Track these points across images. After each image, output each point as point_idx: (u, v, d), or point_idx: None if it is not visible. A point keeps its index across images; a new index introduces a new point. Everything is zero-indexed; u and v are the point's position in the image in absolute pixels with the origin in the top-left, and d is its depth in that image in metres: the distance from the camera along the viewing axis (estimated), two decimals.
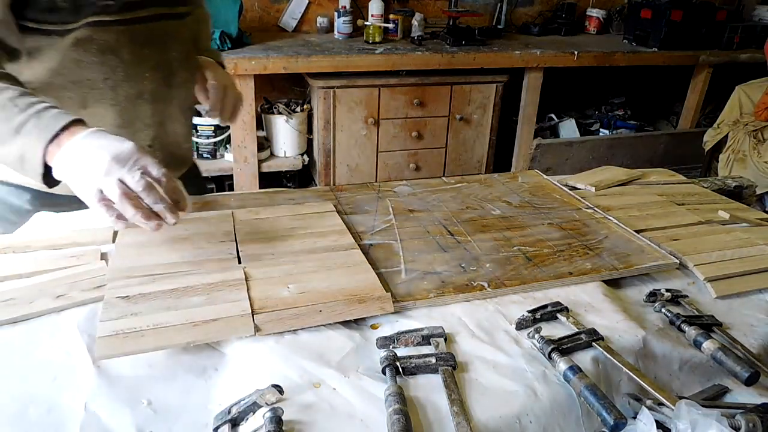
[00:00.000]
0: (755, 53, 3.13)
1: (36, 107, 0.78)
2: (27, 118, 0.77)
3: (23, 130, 0.77)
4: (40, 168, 0.78)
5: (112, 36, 1.00)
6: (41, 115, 0.78)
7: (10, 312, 0.75)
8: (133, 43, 1.03)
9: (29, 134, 0.77)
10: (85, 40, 0.98)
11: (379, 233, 0.98)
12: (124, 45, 1.03)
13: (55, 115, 0.78)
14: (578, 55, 2.85)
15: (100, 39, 0.99)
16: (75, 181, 0.77)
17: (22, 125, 0.77)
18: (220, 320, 0.72)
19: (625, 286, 0.91)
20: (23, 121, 0.77)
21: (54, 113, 0.78)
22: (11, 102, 0.78)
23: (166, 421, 0.62)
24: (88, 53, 1.00)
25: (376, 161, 2.80)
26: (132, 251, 0.87)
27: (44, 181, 0.80)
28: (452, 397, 0.63)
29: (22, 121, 0.77)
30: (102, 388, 0.65)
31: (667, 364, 0.76)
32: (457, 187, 1.20)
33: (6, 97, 0.79)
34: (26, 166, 0.79)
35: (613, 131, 3.41)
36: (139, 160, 0.76)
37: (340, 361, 0.70)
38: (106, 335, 0.68)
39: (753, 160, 2.70)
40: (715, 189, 1.31)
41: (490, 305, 0.82)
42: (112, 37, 1.00)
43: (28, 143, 0.77)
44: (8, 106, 0.78)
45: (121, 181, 0.75)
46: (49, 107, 0.79)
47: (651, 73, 3.51)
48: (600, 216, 1.08)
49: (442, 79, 2.72)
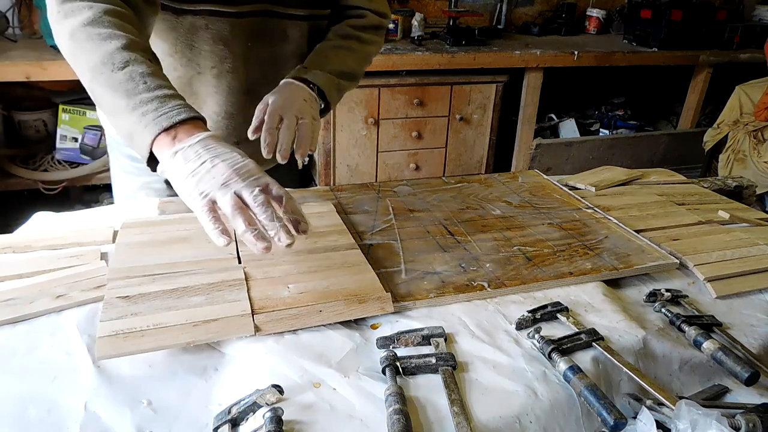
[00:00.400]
0: (755, 53, 3.13)
1: (163, 91, 0.76)
2: (150, 98, 0.75)
3: (143, 108, 0.74)
4: (146, 152, 0.75)
5: (226, 27, 1.01)
6: (165, 101, 0.75)
7: (10, 312, 0.75)
8: (244, 36, 1.04)
9: (146, 115, 0.74)
10: (200, 27, 1.00)
11: (379, 233, 0.98)
12: (237, 37, 1.03)
13: (178, 106, 0.75)
14: (578, 55, 2.84)
15: (214, 28, 1.01)
16: (185, 183, 0.72)
17: (143, 103, 0.74)
18: (220, 320, 0.72)
19: (625, 286, 0.91)
20: (145, 100, 0.75)
21: (178, 104, 0.76)
22: (141, 77, 0.76)
23: (166, 421, 0.62)
24: (201, 40, 1.02)
25: (376, 161, 2.80)
26: (132, 251, 0.87)
27: (149, 164, 0.77)
28: (452, 397, 0.63)
29: (145, 100, 0.75)
30: (102, 388, 0.65)
31: (667, 364, 0.76)
32: (457, 187, 1.20)
33: (138, 71, 0.76)
34: (133, 144, 0.77)
35: (613, 131, 3.41)
36: (260, 178, 0.73)
37: (340, 361, 0.69)
38: (106, 335, 0.68)
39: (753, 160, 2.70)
40: (715, 189, 1.31)
41: (490, 305, 0.82)
42: (226, 28, 1.01)
43: (142, 123, 0.74)
44: (137, 80, 0.75)
45: (237, 195, 0.70)
46: (176, 96, 0.77)
47: (651, 73, 3.51)
48: (600, 216, 1.08)
49: (442, 79, 2.72)
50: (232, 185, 0.70)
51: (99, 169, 2.46)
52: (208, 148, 0.73)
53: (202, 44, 1.02)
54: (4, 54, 2.19)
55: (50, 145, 2.48)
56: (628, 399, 0.68)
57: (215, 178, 0.70)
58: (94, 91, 0.79)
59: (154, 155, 0.76)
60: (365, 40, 1.16)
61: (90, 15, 0.78)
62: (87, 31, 0.77)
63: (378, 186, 1.19)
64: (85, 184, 2.49)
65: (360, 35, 1.14)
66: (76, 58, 0.79)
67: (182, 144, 0.73)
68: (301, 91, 0.99)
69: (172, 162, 0.73)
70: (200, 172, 0.71)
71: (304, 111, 0.94)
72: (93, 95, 0.80)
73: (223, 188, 0.70)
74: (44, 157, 2.47)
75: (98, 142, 2.47)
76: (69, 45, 0.80)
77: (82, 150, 2.47)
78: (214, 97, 1.09)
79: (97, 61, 0.76)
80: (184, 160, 0.72)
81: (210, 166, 0.71)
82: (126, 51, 0.77)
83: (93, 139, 2.47)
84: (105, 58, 0.76)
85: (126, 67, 0.76)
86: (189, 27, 1.00)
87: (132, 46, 0.78)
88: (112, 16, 0.79)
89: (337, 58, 1.09)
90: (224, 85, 1.08)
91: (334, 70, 1.07)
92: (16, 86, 2.41)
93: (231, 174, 0.71)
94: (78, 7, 0.79)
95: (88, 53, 0.77)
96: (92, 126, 2.45)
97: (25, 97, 2.54)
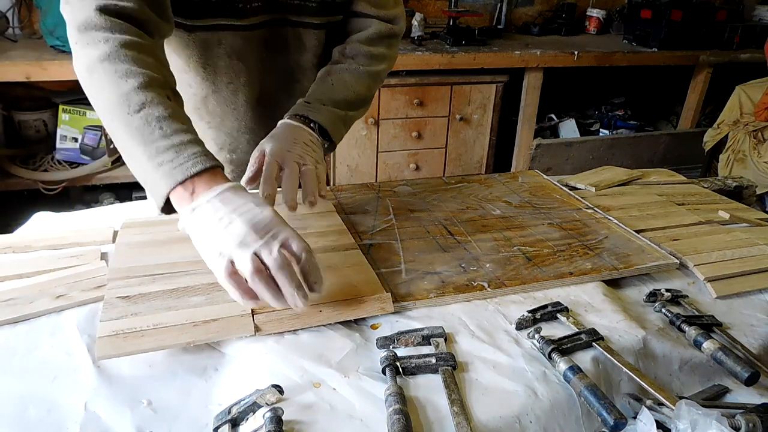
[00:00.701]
0: (755, 53, 3.13)
1: (179, 137, 0.72)
2: (166, 146, 0.71)
3: (158, 158, 0.71)
4: (161, 201, 0.73)
5: (239, 41, 0.99)
6: (181, 150, 0.72)
7: (10, 312, 0.75)
8: (259, 47, 1.01)
9: (162, 166, 0.71)
10: (213, 44, 0.98)
11: (379, 233, 0.98)
12: (251, 50, 1.01)
13: (194, 156, 0.72)
14: (578, 55, 2.85)
15: (227, 43, 0.99)
16: (204, 243, 0.69)
17: (159, 153, 0.71)
18: (220, 320, 0.72)
19: (625, 286, 0.91)
20: (161, 149, 0.71)
21: (194, 152, 0.72)
22: (158, 122, 0.72)
23: (166, 421, 0.62)
24: (215, 57, 1.00)
25: (376, 161, 2.80)
26: (132, 251, 0.87)
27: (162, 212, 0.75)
28: (452, 397, 0.63)
29: (160, 149, 0.71)
30: (102, 388, 0.65)
31: (667, 364, 0.76)
32: (457, 187, 1.20)
33: (155, 115, 0.73)
34: (149, 192, 0.75)
35: (613, 131, 3.41)
36: (279, 233, 0.69)
37: (340, 361, 0.69)
38: (106, 335, 0.68)
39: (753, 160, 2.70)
40: (715, 189, 1.31)
41: (490, 305, 0.82)
42: (239, 42, 0.99)
43: (158, 174, 0.71)
44: (153, 126, 0.72)
45: (256, 255, 0.67)
46: (192, 142, 0.73)
47: (651, 73, 3.51)
48: (600, 216, 1.08)
49: (442, 79, 2.72)
50: (250, 244, 0.67)
51: (99, 169, 2.46)
52: (225, 202, 0.70)
53: (216, 61, 1.01)
54: (4, 54, 2.19)
55: (50, 145, 2.48)
56: (628, 399, 0.68)
57: (233, 237, 0.67)
58: (113, 132, 0.76)
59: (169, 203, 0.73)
60: (375, 56, 1.06)
61: (107, 49, 0.75)
62: (104, 67, 0.74)
63: (378, 186, 1.19)
64: (85, 184, 2.49)
65: (369, 51, 1.06)
66: (93, 95, 0.77)
67: (199, 200, 0.70)
68: (301, 133, 0.92)
69: (191, 218, 0.70)
70: (218, 230, 0.68)
71: (305, 156, 0.88)
72: (112, 136, 0.77)
73: (242, 248, 0.67)
74: (44, 157, 2.47)
75: (98, 142, 2.47)
76: (86, 79, 0.77)
77: (82, 150, 2.47)
78: (232, 113, 1.08)
79: (114, 102, 0.73)
80: (202, 217, 0.69)
81: (227, 223, 0.68)
82: (142, 91, 0.73)
83: (93, 139, 2.47)
84: (121, 99, 0.73)
85: (142, 109, 0.72)
86: (202, 44, 0.98)
87: (149, 84, 0.74)
88: (130, 49, 0.76)
89: (342, 84, 1.02)
90: (241, 99, 1.06)
91: (340, 101, 1.00)
92: (16, 86, 2.41)
93: (248, 231, 0.67)
94: (95, 39, 0.76)
95: (105, 91, 0.75)
96: (92, 126, 2.45)
97: (25, 97, 2.54)
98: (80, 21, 0.77)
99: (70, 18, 0.79)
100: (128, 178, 2.48)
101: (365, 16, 1.07)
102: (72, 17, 0.78)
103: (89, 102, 0.79)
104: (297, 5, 1.00)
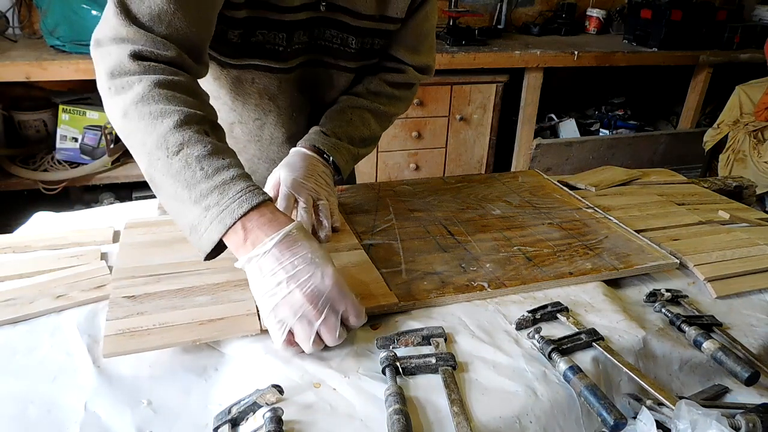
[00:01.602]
0: (755, 53, 3.13)
1: (222, 176, 0.70)
2: (210, 189, 0.69)
3: (204, 202, 0.69)
4: (209, 248, 0.70)
5: (275, 83, 0.98)
6: (225, 190, 0.69)
7: (10, 312, 0.75)
8: (291, 89, 1.01)
9: (209, 210, 0.69)
10: (247, 81, 0.97)
11: (379, 233, 0.98)
12: (284, 92, 1.00)
13: (240, 194, 0.69)
14: (578, 55, 2.85)
15: (261, 83, 0.98)
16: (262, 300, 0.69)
17: (203, 196, 0.69)
18: (226, 319, 0.73)
19: (625, 286, 0.91)
20: (205, 192, 0.69)
21: (239, 189, 0.70)
22: (198, 163, 0.70)
23: (166, 421, 0.62)
24: (246, 94, 0.99)
25: (376, 161, 2.80)
26: (137, 251, 0.87)
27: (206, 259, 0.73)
28: (452, 397, 0.63)
29: (204, 192, 0.69)
30: (102, 388, 0.65)
31: (667, 364, 0.76)
32: (457, 187, 1.20)
33: (194, 155, 0.70)
34: (194, 237, 0.71)
35: (613, 131, 3.41)
36: (337, 306, 0.68)
37: (340, 361, 0.70)
38: (112, 334, 0.68)
39: (753, 160, 2.70)
40: (715, 189, 1.31)
41: (490, 305, 0.82)
42: (274, 84, 0.98)
43: (207, 220, 0.69)
44: (194, 167, 0.70)
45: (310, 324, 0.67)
46: (236, 178, 0.71)
47: (651, 73, 3.51)
48: (600, 216, 1.08)
49: (442, 79, 2.72)
50: (312, 322, 0.67)
51: (99, 169, 2.46)
52: (282, 262, 0.68)
53: (246, 98, 1.00)
54: (4, 54, 2.19)
55: (50, 145, 2.48)
56: (628, 399, 0.68)
57: (292, 309, 0.67)
58: (152, 178, 0.73)
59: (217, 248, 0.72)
60: (396, 98, 1.10)
61: (140, 91, 0.72)
62: (139, 110, 0.72)
63: (378, 186, 1.19)
64: (85, 184, 2.49)
65: (393, 93, 1.09)
66: (130, 140, 0.74)
67: (256, 251, 0.68)
68: (317, 165, 0.94)
69: (249, 268, 0.70)
70: (276, 296, 0.67)
71: (319, 189, 0.90)
72: (151, 181, 0.74)
73: (301, 320, 0.67)
74: (44, 157, 2.47)
75: (98, 142, 2.47)
76: (123, 125, 0.74)
77: (82, 150, 2.47)
78: (255, 144, 1.08)
79: (152, 146, 0.71)
80: (260, 272, 0.68)
81: (286, 292, 0.67)
82: (179, 131, 0.71)
83: (93, 139, 2.47)
84: (159, 142, 0.71)
85: (181, 150, 0.70)
86: (234, 79, 0.97)
87: (186, 122, 0.72)
88: (163, 88, 0.73)
89: (361, 122, 1.04)
90: (266, 134, 1.07)
91: (356, 138, 1.03)
92: (16, 86, 2.41)
93: (307, 304, 0.67)
94: (128, 83, 0.73)
95: (141, 135, 0.72)
96: (92, 126, 2.45)
97: (25, 97, 2.54)
98: (112, 66, 0.74)
99: (101, 63, 0.76)
100: (128, 178, 2.48)
101: (400, 62, 1.09)
102: (103, 62, 0.76)
103: (89, 102, 0.79)
104: (336, 49, 0.99)
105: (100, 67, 0.76)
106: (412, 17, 1.03)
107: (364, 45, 1.01)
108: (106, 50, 0.76)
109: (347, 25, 0.97)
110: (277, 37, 0.92)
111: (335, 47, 0.99)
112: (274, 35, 0.91)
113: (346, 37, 0.98)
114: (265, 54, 0.94)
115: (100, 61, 0.76)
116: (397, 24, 1.02)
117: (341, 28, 0.97)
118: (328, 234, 0.88)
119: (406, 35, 1.06)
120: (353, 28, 0.97)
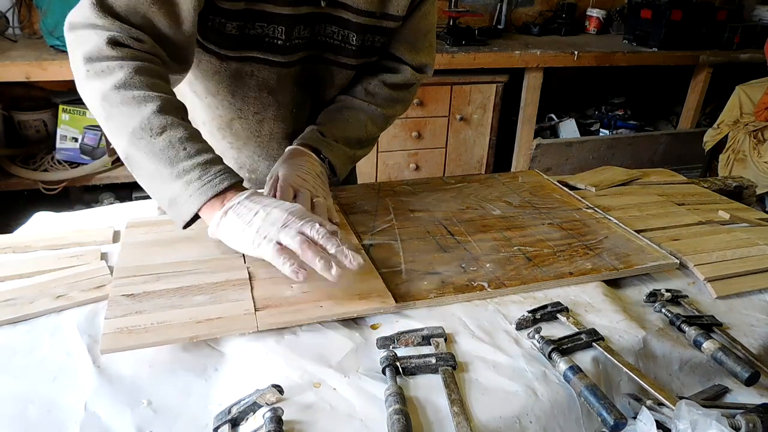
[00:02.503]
0: (755, 53, 3.13)
1: (203, 156, 0.77)
2: (192, 166, 0.76)
3: (186, 177, 0.75)
4: (189, 217, 0.77)
5: (274, 76, 0.99)
6: (207, 168, 0.77)
7: (10, 312, 0.75)
8: (291, 84, 1.02)
9: (190, 184, 0.75)
10: (246, 74, 0.98)
11: (379, 233, 0.98)
12: (283, 86, 1.01)
13: (220, 173, 0.77)
14: (578, 55, 2.85)
15: (261, 76, 0.99)
16: (242, 234, 0.75)
17: (186, 172, 0.76)
18: (223, 319, 0.73)
19: (625, 286, 0.91)
20: (188, 168, 0.76)
21: (219, 169, 0.77)
22: (181, 143, 0.76)
23: (166, 421, 0.62)
24: (245, 87, 1.00)
25: (376, 161, 2.80)
26: (137, 251, 0.87)
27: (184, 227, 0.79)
28: (452, 397, 0.63)
29: (187, 168, 0.76)
30: (102, 388, 0.65)
31: (667, 364, 0.76)
32: (457, 187, 1.20)
33: (177, 137, 0.76)
34: (173, 209, 0.78)
35: (613, 131, 3.41)
36: (313, 217, 0.77)
37: (340, 361, 0.70)
38: (110, 332, 0.69)
39: (753, 160, 2.70)
40: (715, 189, 1.31)
41: (490, 305, 0.82)
42: (273, 77, 0.99)
43: (187, 192, 0.76)
44: (177, 147, 0.76)
45: (301, 233, 0.74)
46: (215, 160, 0.79)
47: (651, 73, 3.51)
48: (600, 216, 1.08)
49: (442, 79, 2.72)
50: (292, 225, 0.74)
51: (99, 169, 2.46)
52: (256, 201, 0.77)
53: (246, 91, 1.00)
54: (4, 54, 2.19)
55: (50, 145, 2.48)
56: (628, 399, 0.68)
57: (274, 224, 0.74)
58: (133, 156, 0.77)
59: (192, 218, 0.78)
60: (395, 100, 1.11)
61: (122, 76, 0.76)
62: (121, 94, 0.76)
63: (378, 186, 1.19)
64: (85, 184, 2.49)
65: (391, 94, 1.10)
66: (110, 122, 0.78)
67: (231, 202, 0.76)
68: (313, 164, 0.97)
69: (224, 220, 0.76)
70: (256, 222, 0.75)
71: (317, 188, 0.93)
72: (130, 159, 0.78)
73: (286, 229, 0.74)
74: (44, 157, 2.47)
75: (98, 141, 2.47)
76: (102, 107, 0.78)
77: (82, 150, 2.47)
78: (255, 140, 1.08)
79: (135, 127, 0.76)
80: (236, 216, 0.76)
81: (265, 214, 0.75)
82: (161, 115, 0.76)
83: (93, 139, 2.47)
84: (143, 123, 0.75)
85: (164, 132, 0.76)
86: (234, 73, 0.98)
87: (166, 108, 0.78)
88: (144, 75, 0.78)
89: (358, 123, 1.07)
90: (266, 129, 1.07)
91: (353, 139, 1.06)
92: (16, 86, 2.41)
93: (288, 216, 0.75)
94: (108, 67, 0.77)
95: (124, 117, 0.76)
96: (92, 126, 2.45)
97: (25, 97, 2.54)
98: (89, 51, 0.78)
99: (77, 46, 0.79)
100: (128, 178, 2.48)
101: (399, 60, 1.10)
102: (80, 46, 0.78)
103: None
104: (336, 45, 1.00)
105: (75, 50, 0.79)
106: (412, 15, 1.03)
107: (364, 42, 1.01)
108: (82, 34, 0.79)
109: (348, 22, 0.97)
110: (276, 30, 0.92)
111: (336, 43, 1.00)
112: (273, 28, 0.92)
113: (347, 34, 0.99)
114: (264, 47, 0.94)
115: (75, 44, 0.79)
116: (398, 21, 1.02)
117: (342, 24, 0.98)
118: None
119: (406, 33, 1.06)
120: (354, 25, 0.98)
